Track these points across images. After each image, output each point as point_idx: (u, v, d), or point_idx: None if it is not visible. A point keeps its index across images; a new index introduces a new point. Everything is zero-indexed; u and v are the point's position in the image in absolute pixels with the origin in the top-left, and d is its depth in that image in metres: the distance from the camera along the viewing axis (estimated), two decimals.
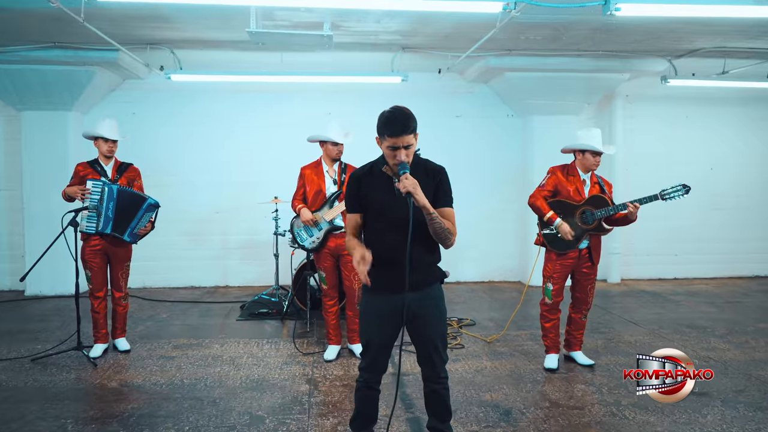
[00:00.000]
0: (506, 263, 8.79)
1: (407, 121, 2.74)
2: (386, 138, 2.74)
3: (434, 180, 2.88)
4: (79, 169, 5.19)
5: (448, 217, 2.83)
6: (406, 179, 2.65)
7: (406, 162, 2.75)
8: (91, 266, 5.13)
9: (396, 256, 2.78)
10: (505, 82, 7.93)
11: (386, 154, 2.79)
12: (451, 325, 6.14)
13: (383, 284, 2.84)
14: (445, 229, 2.75)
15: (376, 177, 2.89)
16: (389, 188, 2.85)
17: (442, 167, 2.97)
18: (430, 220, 2.70)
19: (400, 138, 2.71)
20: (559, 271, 4.70)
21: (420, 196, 2.65)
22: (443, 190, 2.89)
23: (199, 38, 6.31)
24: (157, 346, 5.47)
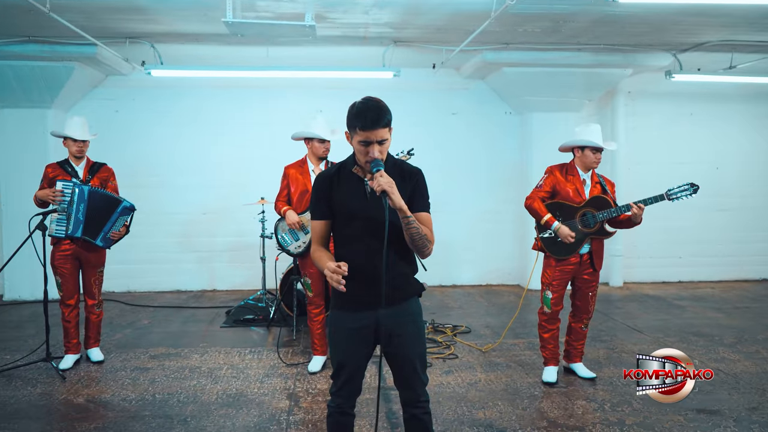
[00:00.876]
0: (504, 266, 8.48)
1: (381, 113, 2.43)
2: (357, 132, 2.43)
3: (410, 182, 2.57)
4: (49, 170, 4.90)
5: (425, 222, 2.53)
6: (381, 176, 2.35)
7: (380, 159, 2.45)
8: (61, 272, 4.84)
9: (369, 266, 2.48)
10: (503, 77, 7.62)
11: (357, 151, 2.49)
12: (445, 332, 5.84)
13: (355, 299, 2.53)
14: (422, 236, 2.44)
15: (346, 178, 2.59)
16: (361, 190, 2.55)
17: (419, 169, 2.66)
18: (406, 224, 2.40)
19: (373, 132, 2.41)
20: (559, 278, 4.39)
21: (396, 197, 2.35)
22: (420, 193, 2.58)
23: (178, 31, 6.00)
24: (133, 357, 5.16)
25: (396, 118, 4.97)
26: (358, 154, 2.49)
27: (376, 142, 2.43)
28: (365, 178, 2.56)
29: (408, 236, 2.43)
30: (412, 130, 8.04)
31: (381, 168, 2.41)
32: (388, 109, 2.48)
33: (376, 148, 2.44)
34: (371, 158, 2.43)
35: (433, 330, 5.93)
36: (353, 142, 2.49)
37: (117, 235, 4.88)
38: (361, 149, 2.46)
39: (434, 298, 7.57)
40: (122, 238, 4.98)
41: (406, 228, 2.41)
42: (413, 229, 2.40)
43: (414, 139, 7.96)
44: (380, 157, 2.45)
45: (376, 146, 2.43)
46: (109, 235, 4.84)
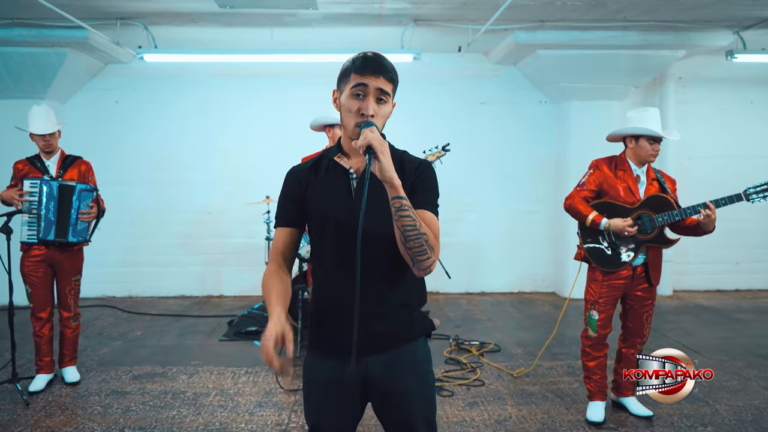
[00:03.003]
0: (538, 271, 7.67)
1: (386, 61, 1.79)
2: (351, 77, 1.76)
3: (411, 175, 1.86)
4: (19, 167, 4.33)
5: (426, 221, 1.79)
6: (371, 132, 1.66)
7: (374, 122, 1.75)
8: (31, 281, 4.26)
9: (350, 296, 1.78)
10: (537, 62, 6.81)
11: (346, 109, 1.78)
12: (470, 351, 5.09)
13: (335, 339, 1.83)
14: (419, 233, 1.69)
15: (327, 172, 1.89)
16: (344, 186, 1.85)
17: (427, 162, 1.95)
18: (397, 209, 1.67)
19: (372, 77, 1.74)
20: (607, 294, 3.62)
21: (386, 160, 1.64)
22: (422, 187, 1.85)
23: (172, 10, 5.36)
24: (113, 377, 4.55)
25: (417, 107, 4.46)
26: (346, 113, 1.78)
27: (373, 94, 1.75)
28: (350, 167, 1.86)
29: (399, 233, 1.70)
30: (434, 121, 7.34)
31: (373, 125, 1.72)
32: (395, 69, 1.82)
33: (372, 103, 1.75)
34: (364, 117, 1.74)
35: (456, 348, 5.20)
36: (342, 98, 1.81)
37: (86, 216, 4.26)
38: (351, 104, 1.76)
39: (459, 308, 6.82)
40: (97, 221, 4.39)
41: (397, 218, 1.68)
42: (407, 219, 1.67)
43: (437, 132, 7.25)
44: (375, 122, 1.76)
45: (371, 100, 1.75)
46: (79, 226, 4.23)
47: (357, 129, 1.75)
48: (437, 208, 1.89)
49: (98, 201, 4.34)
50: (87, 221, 4.27)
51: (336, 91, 1.86)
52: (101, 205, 4.40)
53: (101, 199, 4.53)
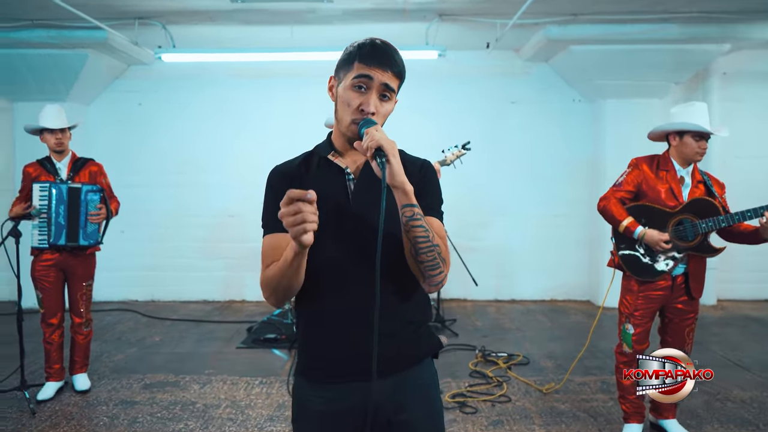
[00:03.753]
0: (572, 279, 7.30)
1: (395, 52, 1.58)
2: (354, 66, 1.54)
3: (416, 176, 1.63)
4: (29, 170, 4.23)
5: (435, 230, 1.56)
6: (377, 131, 1.45)
7: (374, 120, 1.53)
8: (42, 286, 4.15)
9: (353, 311, 1.55)
10: (570, 58, 6.48)
11: (344, 102, 1.56)
12: (497, 363, 4.80)
13: (331, 365, 1.60)
14: (432, 245, 1.49)
15: (318, 170, 1.66)
16: (340, 186, 1.62)
17: (428, 161, 1.72)
18: (408, 219, 1.46)
19: (379, 70, 1.52)
20: (643, 307, 3.30)
21: (398, 163, 1.45)
22: (428, 191, 1.64)
23: (187, 8, 5.22)
24: (125, 385, 4.41)
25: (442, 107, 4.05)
26: (343, 106, 1.56)
27: (377, 89, 1.53)
28: (346, 167, 1.63)
29: (409, 245, 1.49)
30: (460, 121, 7.06)
31: (375, 123, 1.51)
32: (404, 62, 1.60)
33: (374, 99, 1.53)
34: (364, 114, 1.52)
35: (482, 359, 4.91)
36: (340, 88, 1.58)
37: (95, 218, 4.13)
38: (351, 97, 1.54)
39: (487, 317, 6.52)
40: (107, 222, 4.27)
41: (408, 229, 1.47)
42: (419, 230, 1.47)
43: (463, 132, 6.95)
44: (375, 120, 1.54)
45: (374, 96, 1.53)
46: (89, 229, 4.11)
47: (353, 126, 1.54)
48: (442, 214, 1.66)
49: (106, 202, 4.20)
50: (97, 223, 4.14)
51: (333, 78, 1.63)
52: (110, 206, 4.27)
53: (115, 201, 4.41)
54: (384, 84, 1.53)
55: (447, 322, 6.01)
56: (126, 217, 7.11)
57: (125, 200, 7.01)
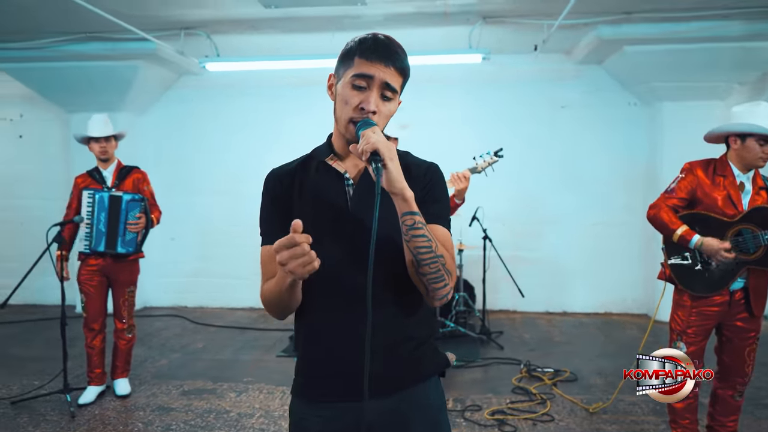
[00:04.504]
0: (628, 291, 6.95)
1: (398, 48, 1.46)
2: (354, 63, 1.44)
3: (419, 181, 1.51)
4: (79, 180, 4.37)
5: (440, 239, 1.44)
6: (373, 133, 1.35)
7: (373, 120, 1.43)
8: (86, 290, 4.24)
9: (348, 325, 1.45)
10: (624, 59, 6.18)
11: (343, 100, 1.46)
12: (543, 379, 4.57)
13: (325, 384, 1.50)
14: (435, 255, 1.38)
15: (316, 174, 1.56)
16: (338, 192, 1.52)
17: (435, 164, 1.59)
18: (409, 228, 1.36)
19: (380, 66, 1.42)
20: (697, 324, 3.05)
21: (396, 168, 1.34)
22: (434, 197, 1.52)
23: (229, 17, 5.27)
24: (164, 391, 4.44)
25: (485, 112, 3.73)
26: (341, 104, 1.47)
27: (378, 88, 1.43)
28: (345, 171, 1.53)
29: (411, 256, 1.38)
30: (506, 126, 6.87)
31: (374, 125, 1.40)
32: (407, 57, 1.49)
33: (374, 98, 1.43)
34: (364, 113, 1.42)
35: (527, 375, 4.69)
36: (339, 86, 1.48)
37: (134, 227, 4.17)
38: (350, 95, 1.44)
39: (536, 329, 6.27)
40: (146, 231, 4.31)
41: (409, 238, 1.36)
42: (421, 240, 1.35)
43: (511, 138, 6.75)
44: (375, 120, 1.43)
45: (375, 95, 1.43)
46: (127, 237, 4.16)
47: (351, 126, 1.44)
48: (450, 222, 1.54)
49: (147, 211, 4.25)
50: (135, 232, 4.19)
51: (333, 75, 1.54)
52: (151, 215, 4.32)
53: (157, 210, 4.46)
54: (385, 83, 1.43)
55: (493, 334, 5.81)
56: (176, 224, 7.29)
57: (175, 208, 7.22)
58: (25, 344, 5.73)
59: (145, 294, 7.37)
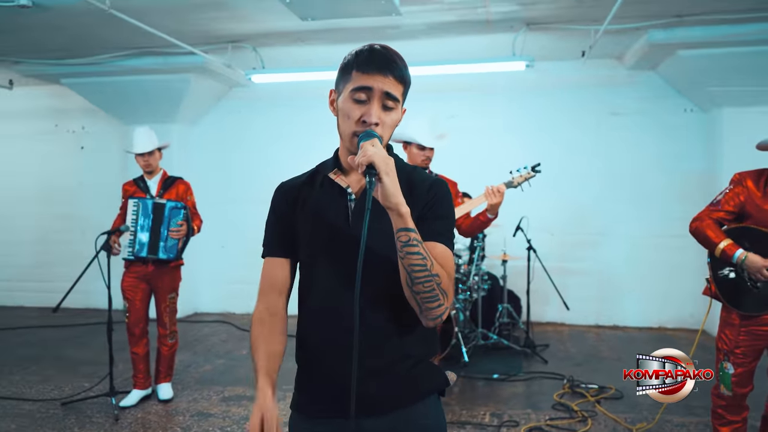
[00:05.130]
0: (683, 306, 6.63)
1: (396, 57, 1.43)
2: (352, 77, 1.42)
3: (422, 197, 1.48)
4: (126, 188, 4.55)
5: (439, 258, 1.41)
6: (372, 146, 1.32)
7: (376, 132, 1.41)
8: (129, 297, 4.40)
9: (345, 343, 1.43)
10: (678, 64, 5.94)
11: (345, 114, 1.45)
12: (586, 396, 4.42)
13: (320, 398, 1.49)
14: (430, 274, 1.34)
15: (321, 189, 1.56)
16: (340, 208, 1.51)
17: (442, 180, 1.55)
18: (404, 244, 1.32)
19: (379, 77, 1.39)
20: (746, 344, 2.87)
21: (391, 182, 1.30)
22: (436, 214, 1.47)
23: (272, 30, 5.37)
24: (204, 396, 4.53)
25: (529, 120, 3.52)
26: (344, 119, 1.45)
27: (378, 99, 1.41)
28: (347, 186, 1.52)
29: (405, 273, 1.35)
30: (552, 134, 6.72)
31: (375, 137, 1.38)
32: (407, 68, 1.46)
33: (376, 109, 1.41)
34: (366, 125, 1.40)
35: (569, 390, 4.54)
36: (340, 101, 1.47)
37: (176, 234, 4.28)
38: (351, 109, 1.42)
39: (584, 342, 6.07)
40: (187, 239, 4.41)
41: (403, 255, 1.33)
42: (415, 257, 1.32)
43: (557, 146, 6.63)
44: (379, 132, 1.41)
45: (376, 106, 1.41)
46: (169, 243, 4.27)
47: (355, 140, 1.42)
48: (452, 241, 1.49)
49: (188, 219, 4.36)
50: (177, 238, 4.31)
51: (333, 91, 1.53)
52: (192, 223, 4.43)
53: (198, 218, 4.57)
54: (385, 93, 1.41)
55: (538, 347, 5.66)
56: (226, 232, 7.48)
57: (225, 216, 7.41)
58: (80, 347, 5.98)
59: (195, 300, 7.59)
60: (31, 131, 8.06)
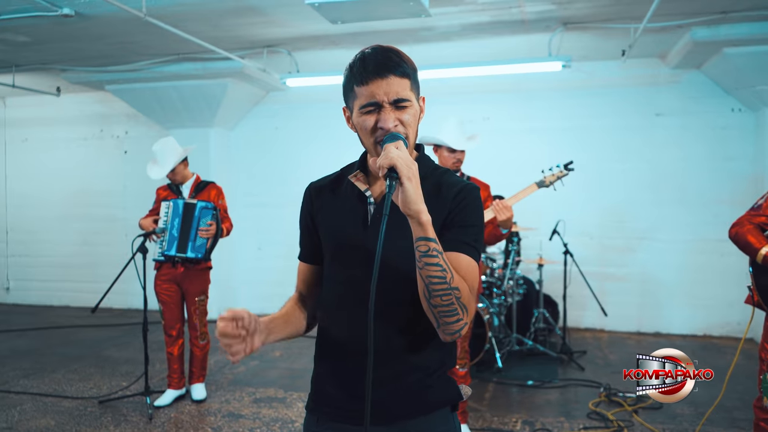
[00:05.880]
0: (731, 312, 6.37)
1: (392, 55, 1.38)
2: (356, 92, 1.40)
3: (449, 202, 1.43)
4: (160, 192, 4.64)
5: (461, 270, 1.35)
6: (396, 148, 1.29)
7: (399, 132, 1.37)
8: (163, 299, 4.48)
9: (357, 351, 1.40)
10: (725, 62, 5.71)
11: (362, 131, 1.42)
12: (623, 405, 4.28)
13: (335, 403, 1.49)
14: (449, 288, 1.28)
15: (344, 191, 1.54)
16: (358, 212, 1.49)
17: (472, 185, 1.48)
18: (423, 253, 1.27)
19: (379, 81, 1.35)
20: None
21: (413, 187, 1.25)
22: (462, 221, 1.41)
23: (306, 34, 5.40)
24: (236, 398, 4.58)
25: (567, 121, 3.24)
26: (363, 133, 1.42)
27: (387, 104, 1.36)
28: (367, 189, 1.49)
29: (422, 285, 1.30)
30: (590, 136, 6.57)
31: (399, 139, 1.34)
32: (407, 58, 1.41)
33: (390, 115, 1.36)
34: (385, 130, 1.37)
35: (606, 399, 4.41)
36: (354, 117, 1.44)
37: (205, 233, 4.33)
38: (366, 123, 1.39)
39: (623, 349, 5.90)
40: (215, 240, 4.44)
41: (422, 266, 1.28)
42: (434, 269, 1.26)
43: (594, 148, 6.48)
44: (402, 132, 1.38)
45: (389, 111, 1.36)
46: (198, 242, 4.33)
47: (380, 148, 1.37)
48: (479, 252, 1.43)
49: (218, 220, 4.41)
50: (205, 238, 4.36)
51: (345, 109, 1.50)
52: (222, 225, 4.48)
53: (228, 221, 4.62)
54: (393, 99, 1.37)
55: (575, 354, 5.52)
56: (263, 234, 7.58)
57: (263, 218, 7.50)
58: (120, 346, 6.13)
59: (231, 302, 7.69)
60: (77, 136, 8.33)
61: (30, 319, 7.49)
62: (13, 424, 4.04)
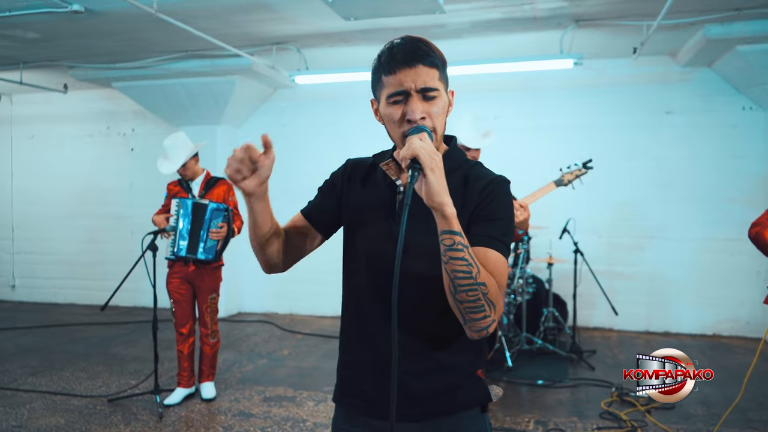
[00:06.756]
0: (741, 312, 6.34)
1: (420, 45, 1.35)
2: (383, 82, 1.38)
3: (476, 195, 1.40)
4: (171, 188, 4.61)
5: (488, 265, 1.31)
6: (420, 140, 1.25)
7: (426, 125, 1.35)
8: (175, 297, 4.45)
9: (381, 345, 1.39)
10: (737, 60, 5.67)
11: (389, 121, 1.40)
12: (635, 405, 4.25)
13: (362, 396, 1.46)
14: (475, 283, 1.24)
15: (377, 177, 1.52)
16: (389, 204, 1.46)
17: (501, 178, 1.45)
18: (448, 247, 1.23)
19: (408, 71, 1.33)
20: None
21: (437, 178, 1.21)
22: (490, 215, 1.38)
23: (316, 31, 5.37)
24: (246, 396, 4.56)
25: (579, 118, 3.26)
26: (390, 125, 1.40)
27: (416, 93, 1.34)
28: (397, 178, 1.46)
29: (447, 280, 1.27)
30: (601, 133, 6.53)
31: (424, 131, 1.31)
32: (437, 49, 1.38)
33: (418, 106, 1.34)
34: (412, 122, 1.34)
35: (618, 399, 4.38)
36: (381, 108, 1.42)
37: (215, 235, 4.30)
38: (393, 114, 1.37)
39: (633, 350, 5.86)
40: (227, 240, 4.41)
41: (446, 260, 1.25)
42: (459, 263, 1.23)
43: (605, 146, 6.44)
44: (429, 125, 1.35)
45: (417, 101, 1.34)
46: (208, 244, 4.30)
47: (403, 139, 1.36)
48: (509, 246, 1.39)
49: (230, 221, 4.39)
50: (216, 239, 4.33)
51: (373, 101, 1.48)
52: (233, 225, 4.46)
53: (239, 219, 4.60)
54: (420, 87, 1.34)
55: (584, 353, 5.48)
56: None
57: None
58: (128, 344, 6.11)
59: (239, 300, 7.69)
60: (84, 133, 8.31)
61: (36, 317, 7.48)
62: (22, 422, 4.02)
